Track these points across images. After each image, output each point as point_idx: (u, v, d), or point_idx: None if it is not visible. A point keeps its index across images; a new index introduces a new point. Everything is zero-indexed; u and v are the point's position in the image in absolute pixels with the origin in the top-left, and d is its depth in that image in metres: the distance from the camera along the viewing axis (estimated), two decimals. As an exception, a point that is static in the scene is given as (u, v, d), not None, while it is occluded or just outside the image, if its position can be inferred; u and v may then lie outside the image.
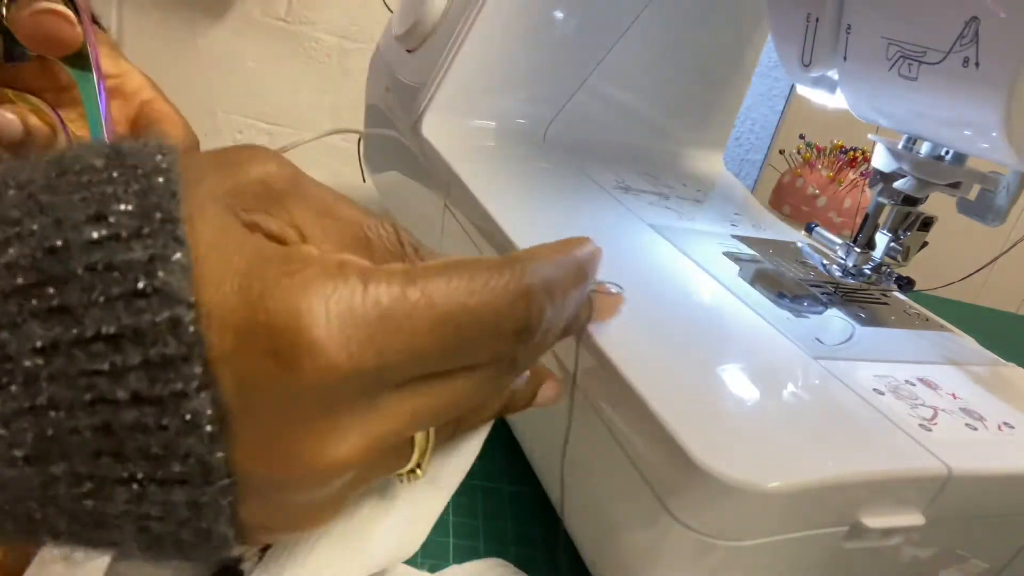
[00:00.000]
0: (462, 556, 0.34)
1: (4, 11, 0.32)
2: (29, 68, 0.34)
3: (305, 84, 1.59)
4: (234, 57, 1.55)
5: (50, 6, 0.31)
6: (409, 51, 0.58)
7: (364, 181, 0.82)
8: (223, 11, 1.52)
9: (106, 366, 0.15)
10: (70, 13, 0.31)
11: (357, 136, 0.71)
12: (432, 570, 0.32)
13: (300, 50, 1.56)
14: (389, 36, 0.63)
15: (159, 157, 0.17)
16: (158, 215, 0.16)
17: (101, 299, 0.15)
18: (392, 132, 0.60)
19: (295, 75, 1.58)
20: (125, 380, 0.15)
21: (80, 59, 0.33)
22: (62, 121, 0.34)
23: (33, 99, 0.34)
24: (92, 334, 0.15)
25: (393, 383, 0.18)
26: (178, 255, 0.16)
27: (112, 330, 0.15)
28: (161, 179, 0.17)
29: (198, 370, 0.15)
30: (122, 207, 0.16)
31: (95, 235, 0.16)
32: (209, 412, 0.16)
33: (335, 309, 0.17)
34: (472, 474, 0.27)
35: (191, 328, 0.15)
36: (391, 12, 0.66)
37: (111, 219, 0.16)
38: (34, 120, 0.34)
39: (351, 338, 0.17)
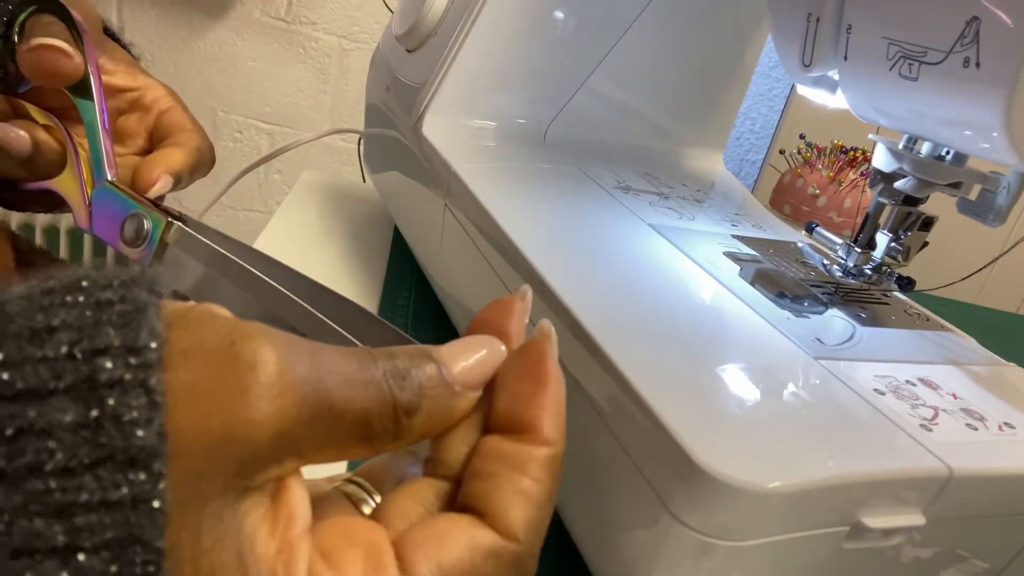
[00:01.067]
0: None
1: (16, 38, 0.32)
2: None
3: (305, 84, 1.59)
4: (234, 57, 1.55)
5: (47, 42, 0.31)
6: (409, 51, 0.58)
7: (364, 181, 0.82)
8: (223, 11, 1.52)
9: None
10: (67, 47, 0.31)
11: (357, 136, 0.71)
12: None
13: (300, 50, 1.56)
14: (389, 36, 0.63)
15: (145, 453, 0.14)
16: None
17: None
18: (392, 132, 0.60)
19: (295, 75, 1.58)
20: None
21: (84, 88, 0.33)
22: (71, 138, 0.34)
23: (47, 115, 0.34)
24: None
25: None
26: None
27: None
28: (144, 512, 0.14)
29: None
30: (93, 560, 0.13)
31: None
32: None
33: None
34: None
35: None
36: (391, 12, 0.66)
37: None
38: (43, 136, 0.34)
39: None
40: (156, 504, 0.14)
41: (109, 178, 0.32)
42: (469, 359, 0.20)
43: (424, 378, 0.19)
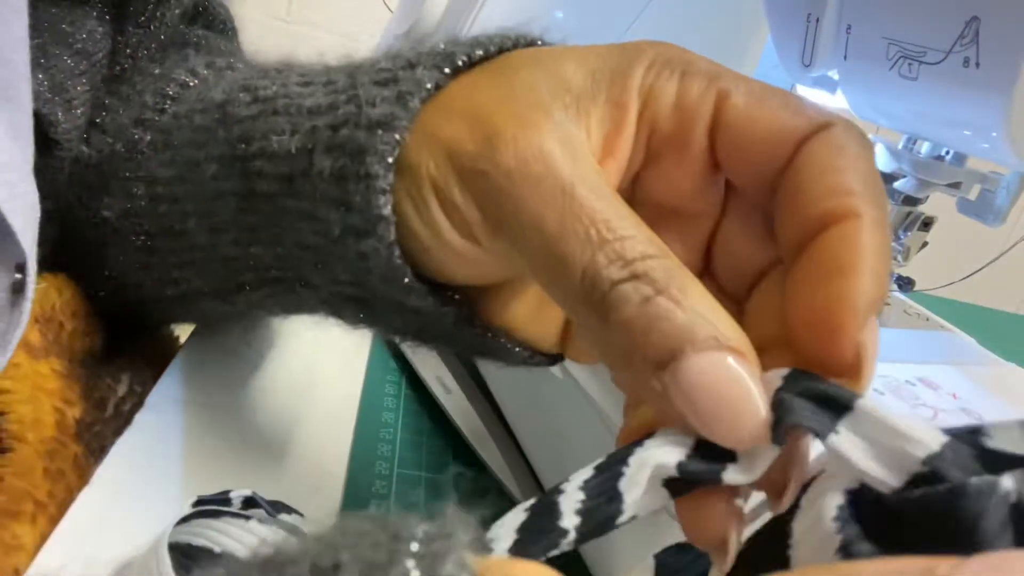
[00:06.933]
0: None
1: None
2: None
3: (305, 84, 1.59)
4: (234, 57, 1.55)
5: None
6: (409, 51, 0.58)
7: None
8: (223, 11, 1.52)
9: None
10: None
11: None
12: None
13: (300, 50, 1.56)
14: (389, 36, 0.63)
15: None
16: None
17: None
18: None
19: (295, 75, 1.58)
20: None
21: None
22: None
23: None
24: None
25: None
26: None
27: None
28: None
29: None
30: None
31: None
32: None
33: None
34: (468, 471, 0.27)
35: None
36: (391, 12, 0.66)
37: None
38: None
39: None
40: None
41: None
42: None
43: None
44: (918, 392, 0.33)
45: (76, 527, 0.24)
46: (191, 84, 0.30)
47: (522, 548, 0.15)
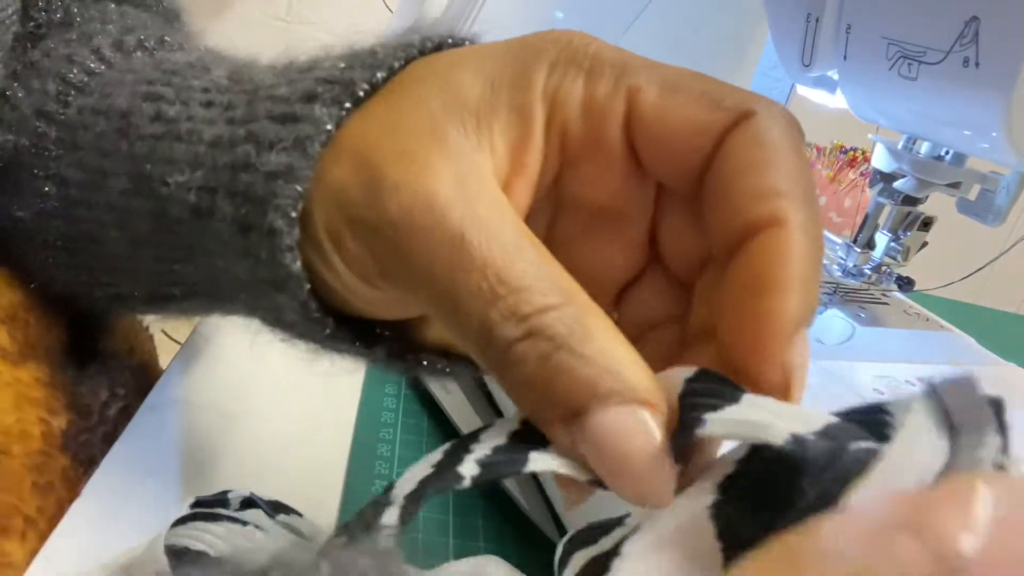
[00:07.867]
0: (463, 556, 0.34)
1: None
2: None
3: (305, 84, 1.59)
4: (234, 57, 1.55)
5: None
6: (409, 51, 0.58)
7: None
8: (223, 11, 1.52)
9: None
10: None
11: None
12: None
13: (300, 50, 1.56)
14: (389, 36, 0.63)
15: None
16: None
17: None
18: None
19: (295, 75, 1.58)
20: None
21: None
22: None
23: None
24: None
25: None
26: None
27: None
28: None
29: None
30: None
31: None
32: None
33: None
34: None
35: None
36: (391, 12, 0.66)
37: None
38: None
39: None
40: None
41: None
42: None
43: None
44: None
45: (71, 533, 0.24)
46: (97, 71, 0.27)
47: (419, 491, 0.15)
